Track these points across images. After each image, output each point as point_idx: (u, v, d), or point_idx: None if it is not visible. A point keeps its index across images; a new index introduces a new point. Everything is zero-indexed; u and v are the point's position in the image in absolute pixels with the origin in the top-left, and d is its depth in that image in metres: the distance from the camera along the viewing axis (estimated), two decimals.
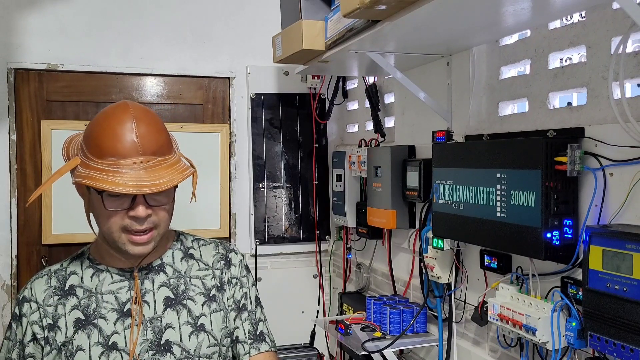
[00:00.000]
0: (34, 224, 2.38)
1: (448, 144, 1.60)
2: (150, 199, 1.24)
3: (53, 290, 1.31)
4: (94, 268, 1.33)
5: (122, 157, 1.20)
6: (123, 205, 1.22)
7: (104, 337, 1.27)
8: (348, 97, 2.64)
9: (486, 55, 1.62)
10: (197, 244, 1.45)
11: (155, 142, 1.24)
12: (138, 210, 1.21)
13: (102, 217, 1.24)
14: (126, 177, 1.17)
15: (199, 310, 1.35)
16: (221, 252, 1.45)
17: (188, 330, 1.32)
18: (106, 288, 1.31)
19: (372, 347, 1.77)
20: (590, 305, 1.11)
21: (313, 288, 2.69)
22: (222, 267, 1.42)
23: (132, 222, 1.23)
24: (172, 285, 1.35)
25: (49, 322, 1.28)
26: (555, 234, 1.22)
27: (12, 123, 2.34)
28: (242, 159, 2.63)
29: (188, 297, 1.35)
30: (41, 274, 1.34)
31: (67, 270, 1.34)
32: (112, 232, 1.24)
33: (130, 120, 1.23)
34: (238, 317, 1.41)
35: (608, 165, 1.19)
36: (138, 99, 2.51)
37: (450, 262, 1.68)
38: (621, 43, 1.14)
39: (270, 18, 2.46)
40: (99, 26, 2.45)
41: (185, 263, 1.39)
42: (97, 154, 1.21)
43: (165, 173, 1.22)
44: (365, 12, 1.32)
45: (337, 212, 2.40)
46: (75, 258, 1.37)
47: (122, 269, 1.33)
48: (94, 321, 1.28)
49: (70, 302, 1.30)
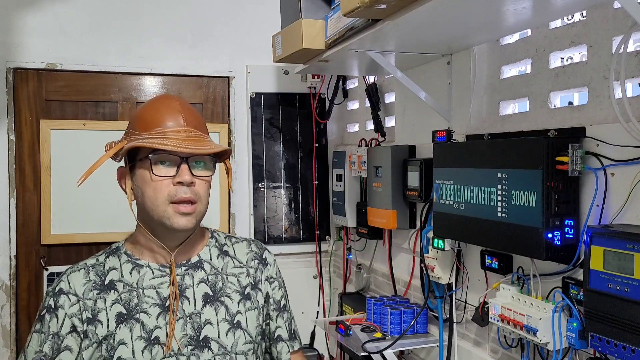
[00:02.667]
0: (33, 224, 2.37)
1: (449, 144, 1.59)
2: (194, 169, 1.30)
3: (93, 284, 1.31)
4: (133, 263, 1.34)
5: (169, 128, 1.28)
6: (169, 173, 1.27)
7: (147, 331, 1.28)
8: (348, 96, 2.63)
9: (487, 54, 1.61)
10: (230, 242, 1.47)
11: (196, 119, 1.34)
12: (183, 175, 1.26)
13: (148, 189, 1.27)
14: (173, 141, 1.26)
15: (236, 308, 1.37)
16: (254, 250, 1.48)
17: (225, 327, 1.35)
18: (147, 283, 1.32)
19: (373, 347, 1.77)
20: (591, 306, 1.10)
21: (313, 288, 2.69)
22: (257, 266, 1.45)
23: (178, 189, 1.27)
24: (210, 282, 1.37)
25: (89, 316, 1.28)
26: (556, 234, 1.22)
27: (11, 123, 2.34)
28: (241, 158, 2.63)
29: (225, 295, 1.37)
30: (77, 267, 1.35)
31: (106, 266, 1.35)
32: (158, 205, 1.27)
33: (175, 100, 1.34)
34: (280, 317, 1.47)
35: (609, 165, 1.18)
36: (137, 98, 2.50)
37: (451, 263, 1.68)
38: (622, 42, 1.13)
39: (270, 17, 2.45)
40: (98, 25, 2.44)
41: (222, 260, 1.42)
42: (144, 127, 1.29)
43: (206, 143, 1.31)
44: (366, 11, 1.31)
45: (337, 212, 2.40)
46: (111, 253, 1.38)
47: (163, 265, 1.35)
48: (135, 315, 1.29)
49: (110, 297, 1.31)
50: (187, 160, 1.27)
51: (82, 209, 2.37)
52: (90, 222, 2.36)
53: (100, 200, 2.35)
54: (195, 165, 1.29)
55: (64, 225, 2.37)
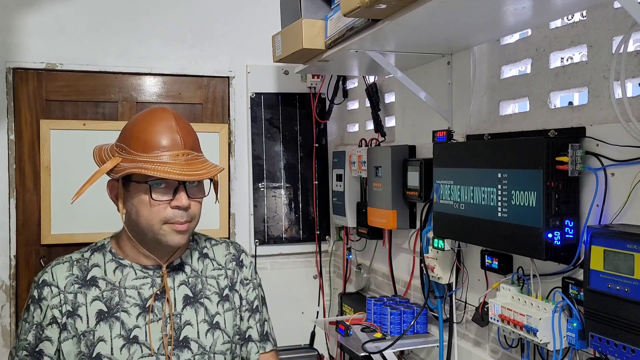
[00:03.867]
0: (33, 224, 2.37)
1: (449, 144, 1.59)
2: (189, 191, 1.31)
3: (75, 278, 1.34)
4: (117, 262, 1.37)
5: (166, 149, 1.29)
6: (166, 196, 1.29)
7: (126, 330, 1.32)
8: (348, 96, 2.63)
9: (487, 54, 1.61)
10: (210, 244, 1.51)
11: (192, 139, 1.35)
12: (181, 200, 1.28)
13: (144, 210, 1.29)
14: (172, 167, 1.27)
15: (215, 309, 1.41)
16: (232, 252, 1.51)
17: (205, 328, 1.39)
18: (130, 283, 1.35)
19: (373, 347, 1.77)
20: (591, 306, 1.10)
21: (313, 289, 2.69)
22: (234, 268, 1.49)
23: (175, 214, 1.29)
24: (190, 284, 1.41)
25: (69, 309, 1.31)
26: (556, 234, 1.22)
27: (11, 123, 2.34)
28: (241, 158, 2.63)
29: (205, 296, 1.41)
30: (62, 260, 1.37)
31: (90, 262, 1.37)
32: (153, 225, 1.29)
33: (170, 118, 1.33)
34: (252, 318, 1.49)
35: (609, 165, 1.18)
36: (137, 98, 2.50)
37: (451, 263, 1.67)
38: (622, 42, 1.13)
39: (270, 17, 2.45)
40: (98, 25, 2.44)
41: (202, 263, 1.45)
42: (142, 149, 1.29)
43: (202, 166, 1.32)
44: (366, 11, 1.31)
45: (337, 212, 2.40)
46: (96, 250, 1.40)
47: (146, 266, 1.37)
48: (116, 314, 1.32)
49: (91, 293, 1.33)
50: (184, 184, 1.29)
51: (82, 209, 2.36)
52: (90, 222, 2.36)
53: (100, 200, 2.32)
54: (190, 187, 1.32)
55: (64, 225, 2.37)
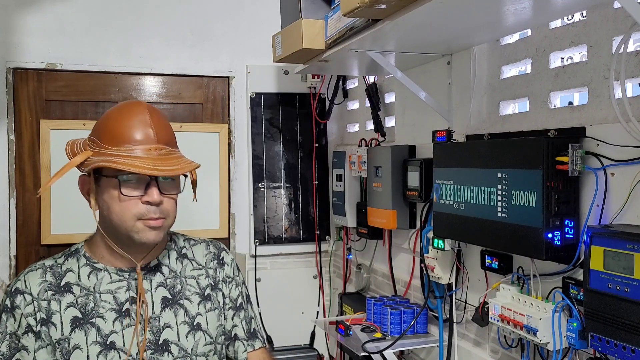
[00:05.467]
0: (33, 224, 2.37)
1: (449, 144, 1.59)
2: (162, 187, 1.28)
3: (48, 285, 1.31)
4: (91, 267, 1.34)
5: (139, 143, 1.25)
6: (138, 192, 1.25)
7: (102, 336, 1.28)
8: (348, 96, 2.63)
9: (487, 54, 1.61)
10: (189, 244, 1.48)
11: (167, 133, 1.31)
12: (152, 195, 1.25)
13: (114, 206, 1.26)
14: (144, 161, 1.23)
15: (195, 310, 1.38)
16: (212, 251, 1.49)
17: (185, 330, 1.36)
18: (104, 287, 1.32)
19: (373, 347, 1.77)
20: (591, 306, 1.10)
21: (313, 289, 2.69)
22: (215, 267, 1.46)
23: (147, 209, 1.26)
24: (169, 285, 1.38)
25: (43, 317, 1.28)
26: (556, 234, 1.22)
27: (11, 123, 2.33)
28: (241, 158, 2.63)
29: (184, 297, 1.38)
30: (35, 267, 1.34)
31: (63, 267, 1.34)
32: (125, 221, 1.26)
33: (145, 112, 1.29)
34: (236, 316, 1.47)
35: (609, 165, 1.18)
36: (137, 98, 2.50)
37: (451, 263, 1.67)
38: (622, 42, 1.13)
39: (269, 17, 2.45)
40: (98, 25, 2.44)
41: (180, 263, 1.42)
42: (113, 142, 1.25)
43: (177, 161, 1.29)
44: (366, 11, 1.31)
45: (337, 212, 2.40)
46: (70, 255, 1.37)
47: (121, 269, 1.34)
48: (91, 320, 1.29)
49: (65, 299, 1.30)
50: (156, 179, 1.26)
51: (82, 209, 2.35)
52: (90, 222, 2.33)
53: None
54: (163, 182, 1.28)
55: (64, 225, 2.36)
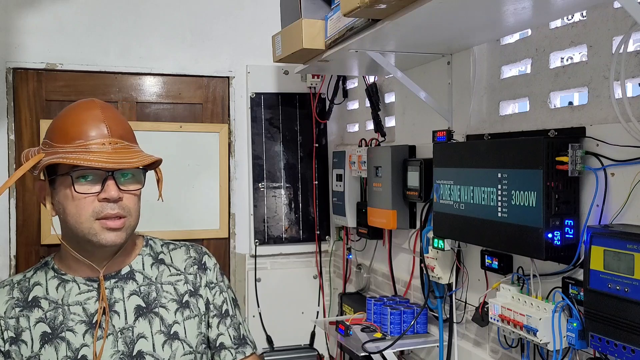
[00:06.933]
0: (33, 224, 2.37)
1: (449, 144, 1.59)
2: (121, 183, 1.22)
3: (15, 301, 1.25)
4: (59, 279, 1.28)
5: (91, 138, 1.20)
6: (94, 189, 1.20)
7: (73, 350, 1.23)
8: (348, 96, 2.63)
9: (487, 54, 1.61)
10: (167, 249, 1.40)
11: (122, 127, 1.26)
12: (109, 190, 1.19)
13: (70, 207, 1.20)
14: (97, 155, 1.18)
15: (172, 318, 1.31)
16: (193, 255, 1.40)
17: (161, 340, 1.29)
18: (73, 299, 1.26)
19: (373, 347, 1.77)
20: (591, 306, 1.10)
21: (313, 289, 2.69)
22: (196, 272, 1.38)
23: (104, 206, 1.20)
24: (142, 293, 1.31)
25: (11, 335, 1.23)
26: (556, 234, 1.22)
27: (11, 123, 2.34)
28: (241, 158, 2.62)
29: (160, 305, 1.31)
30: (2, 284, 1.29)
31: (31, 281, 1.28)
32: (82, 222, 1.20)
33: (96, 107, 1.25)
34: (222, 324, 1.38)
35: (609, 165, 1.18)
36: (137, 98, 2.50)
37: (451, 263, 1.67)
38: (622, 42, 1.13)
39: (269, 17, 2.45)
40: (98, 25, 2.44)
41: (156, 269, 1.35)
42: (65, 140, 1.20)
43: (134, 155, 1.23)
44: (366, 11, 1.31)
45: (337, 212, 2.40)
46: (39, 268, 1.31)
47: (90, 278, 1.28)
48: (61, 334, 1.23)
49: (34, 315, 1.24)
50: (113, 175, 1.20)
51: None
52: None
53: None
54: (122, 178, 1.22)
55: None
